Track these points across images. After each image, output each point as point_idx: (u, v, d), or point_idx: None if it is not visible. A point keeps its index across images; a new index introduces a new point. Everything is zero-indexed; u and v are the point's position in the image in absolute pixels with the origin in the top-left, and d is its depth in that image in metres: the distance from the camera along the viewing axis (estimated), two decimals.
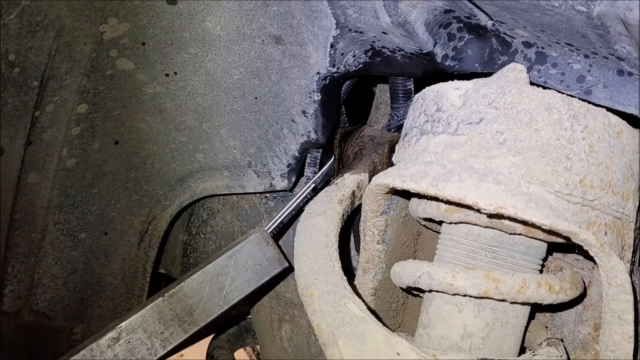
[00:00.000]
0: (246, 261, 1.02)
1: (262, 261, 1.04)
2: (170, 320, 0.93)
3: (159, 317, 0.93)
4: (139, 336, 0.91)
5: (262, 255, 1.04)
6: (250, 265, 1.02)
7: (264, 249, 1.05)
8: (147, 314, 0.93)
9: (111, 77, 1.17)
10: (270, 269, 1.04)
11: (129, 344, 0.90)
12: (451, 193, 0.71)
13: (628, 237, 0.79)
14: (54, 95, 1.13)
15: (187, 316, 0.95)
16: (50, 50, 1.08)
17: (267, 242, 1.06)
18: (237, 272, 1.01)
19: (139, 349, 0.90)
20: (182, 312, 0.95)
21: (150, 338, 0.91)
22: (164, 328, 0.93)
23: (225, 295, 0.99)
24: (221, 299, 0.98)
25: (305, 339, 1.30)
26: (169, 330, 0.93)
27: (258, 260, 1.04)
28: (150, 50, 1.15)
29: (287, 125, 1.17)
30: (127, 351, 0.90)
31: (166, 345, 0.92)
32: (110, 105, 1.19)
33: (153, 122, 1.23)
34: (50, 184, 1.19)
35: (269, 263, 1.04)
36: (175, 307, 0.95)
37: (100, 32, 1.11)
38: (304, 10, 1.03)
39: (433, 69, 1.00)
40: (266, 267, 1.04)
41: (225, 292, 0.99)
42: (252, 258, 1.03)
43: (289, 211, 1.14)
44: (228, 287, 0.99)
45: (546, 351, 0.81)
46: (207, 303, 0.97)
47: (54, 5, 1.05)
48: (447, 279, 0.77)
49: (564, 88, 0.86)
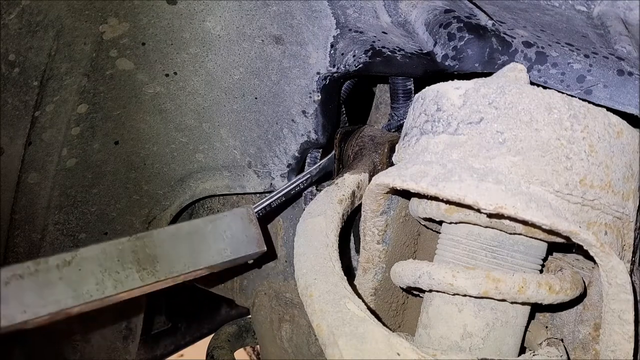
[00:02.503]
0: (225, 231, 0.96)
1: (241, 236, 0.98)
2: (129, 262, 0.86)
3: (119, 255, 0.86)
4: (92, 268, 0.83)
5: (243, 231, 0.98)
6: (227, 236, 0.96)
7: (246, 225, 0.99)
8: (108, 249, 0.86)
9: (111, 77, 1.16)
10: (247, 247, 0.98)
11: (79, 272, 0.82)
12: (451, 193, 0.71)
13: (628, 237, 0.79)
14: (54, 95, 1.13)
15: (148, 264, 0.88)
16: (50, 50, 1.08)
17: (250, 220, 1.00)
18: (212, 239, 0.94)
19: (88, 280, 0.82)
20: (144, 259, 0.88)
21: (104, 273, 0.83)
22: (120, 268, 0.85)
23: (194, 257, 0.92)
24: (189, 260, 0.91)
25: (305, 339, 1.30)
26: (125, 273, 0.85)
27: (237, 234, 0.97)
28: (150, 50, 1.15)
29: (287, 125, 1.17)
30: (75, 278, 0.81)
31: (117, 286, 0.84)
32: (110, 105, 1.19)
33: (153, 122, 1.23)
34: (50, 184, 1.19)
35: (247, 241, 0.98)
36: (139, 251, 0.87)
37: (100, 32, 1.11)
38: (304, 10, 1.03)
39: (433, 69, 1.00)
40: (243, 244, 0.98)
41: (195, 253, 0.92)
42: (232, 230, 0.97)
43: (279, 196, 1.11)
44: (199, 250, 0.92)
45: (546, 351, 0.81)
46: (173, 258, 0.90)
47: (54, 5, 1.05)
48: (447, 279, 0.77)
49: (564, 88, 0.86)
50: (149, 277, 0.87)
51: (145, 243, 0.89)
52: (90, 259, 0.83)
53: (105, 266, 0.84)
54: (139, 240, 0.88)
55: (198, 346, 2.01)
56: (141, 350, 1.80)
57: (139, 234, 0.89)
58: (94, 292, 0.82)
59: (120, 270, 0.85)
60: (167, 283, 0.91)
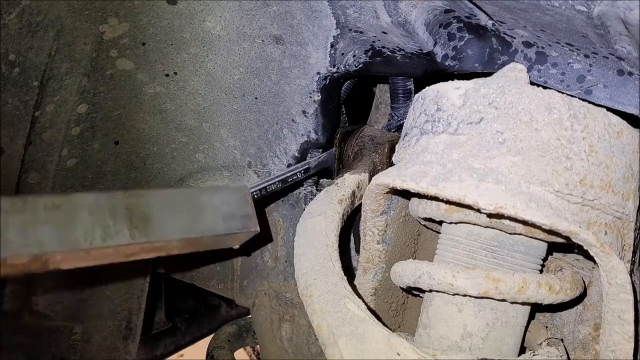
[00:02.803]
0: (220, 205, 0.92)
1: (235, 213, 0.94)
2: (121, 218, 0.81)
3: (112, 208, 0.80)
4: (82, 215, 0.77)
5: (238, 208, 0.94)
6: (222, 211, 0.92)
7: (242, 204, 0.95)
8: (101, 200, 0.80)
9: (111, 77, 1.16)
10: (239, 225, 0.94)
11: (68, 218, 0.76)
12: (451, 193, 0.71)
13: (628, 237, 0.79)
14: (54, 95, 1.13)
15: (140, 223, 0.82)
16: (50, 50, 1.08)
17: (247, 199, 0.96)
18: (209, 209, 0.90)
19: (76, 227, 0.77)
20: (137, 217, 0.82)
21: (94, 223, 0.78)
22: (111, 222, 0.80)
23: (187, 225, 0.87)
24: (182, 227, 0.87)
25: (305, 339, 1.30)
26: (116, 227, 0.80)
27: (232, 210, 0.94)
28: (151, 50, 1.15)
29: (287, 125, 1.17)
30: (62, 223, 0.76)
31: (106, 239, 0.78)
32: (110, 105, 1.19)
33: (153, 122, 1.23)
34: (50, 184, 1.19)
35: (241, 220, 0.94)
36: (133, 208, 0.82)
37: (100, 32, 1.11)
38: (304, 10, 1.03)
39: (433, 69, 1.00)
40: (236, 221, 0.94)
41: (189, 222, 0.88)
42: (227, 206, 0.93)
43: (275, 181, 1.09)
44: (193, 218, 0.88)
45: (546, 351, 0.81)
46: (165, 221, 0.85)
47: (54, 5, 1.05)
48: (447, 279, 0.77)
49: (564, 88, 0.86)
50: (139, 236, 0.82)
51: (140, 201, 0.84)
52: (81, 207, 0.78)
53: (96, 216, 0.79)
54: (135, 198, 0.84)
55: (198, 346, 2.01)
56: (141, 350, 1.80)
57: (135, 191, 0.85)
58: (81, 241, 0.77)
59: (111, 223, 0.80)
60: (155, 249, 0.87)
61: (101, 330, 1.45)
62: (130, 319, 1.49)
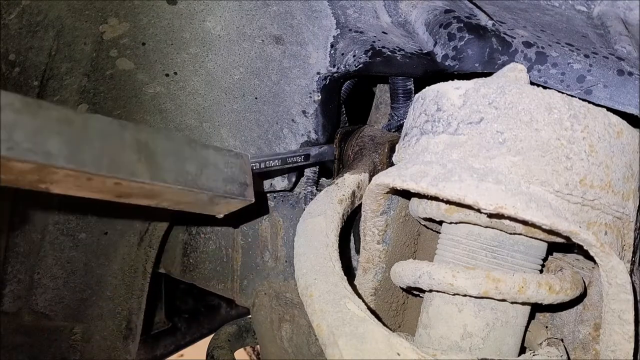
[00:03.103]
0: (222, 167, 0.90)
1: (235, 179, 0.92)
2: (130, 148, 0.77)
3: (121, 137, 0.76)
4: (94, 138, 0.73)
5: (238, 175, 0.92)
6: (222, 173, 0.90)
7: (243, 172, 0.93)
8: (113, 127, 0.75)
9: (111, 77, 1.17)
10: (237, 191, 0.92)
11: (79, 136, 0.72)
12: (451, 193, 0.71)
13: (628, 237, 0.79)
14: (54, 95, 1.13)
15: (147, 161, 0.78)
16: (51, 50, 1.08)
17: (247, 169, 0.95)
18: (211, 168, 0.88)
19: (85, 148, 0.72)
20: (145, 152, 0.78)
21: (103, 149, 0.73)
22: (121, 150, 0.75)
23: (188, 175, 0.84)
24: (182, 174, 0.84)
25: (305, 339, 1.30)
26: (124, 158, 0.76)
27: (231, 175, 0.91)
28: (151, 50, 1.15)
29: (287, 125, 1.17)
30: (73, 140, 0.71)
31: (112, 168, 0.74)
32: (110, 105, 1.19)
33: (153, 122, 1.23)
34: None
35: (239, 186, 0.92)
36: (142, 142, 0.78)
37: (100, 32, 1.11)
38: (304, 10, 1.03)
39: (433, 69, 1.00)
40: (235, 187, 0.91)
41: (190, 172, 0.85)
42: (231, 169, 0.91)
43: (275, 159, 1.09)
44: (195, 171, 0.85)
45: (546, 351, 0.81)
46: (170, 167, 0.82)
47: (54, 5, 1.05)
48: (447, 279, 0.77)
49: (564, 88, 0.86)
50: (141, 173, 0.78)
51: (151, 138, 0.80)
52: (94, 129, 0.73)
53: (106, 141, 0.74)
54: (146, 133, 0.79)
55: (198, 346, 2.01)
56: (141, 350, 1.80)
57: (148, 127, 0.82)
58: (88, 163, 0.72)
59: (120, 154, 0.76)
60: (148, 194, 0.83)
61: (101, 330, 1.45)
62: (130, 319, 1.49)
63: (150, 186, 0.80)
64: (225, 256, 1.46)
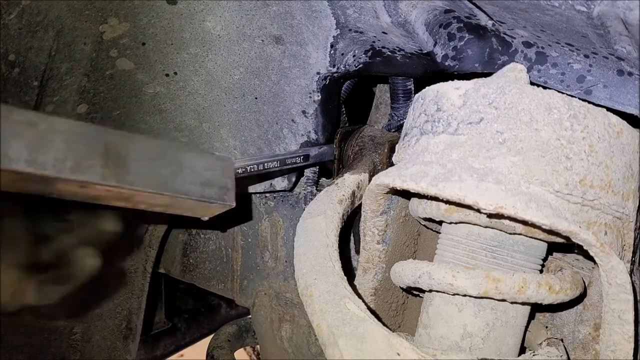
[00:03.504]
0: (202, 169, 0.87)
1: (214, 182, 0.89)
2: (97, 152, 0.75)
3: (89, 141, 0.74)
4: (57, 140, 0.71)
5: (219, 178, 0.89)
6: (201, 175, 0.87)
7: (224, 174, 0.90)
8: (80, 129, 0.74)
9: (111, 77, 1.17)
10: (216, 195, 0.89)
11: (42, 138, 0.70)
12: (451, 193, 0.71)
13: (628, 237, 0.79)
14: (54, 95, 1.13)
15: (114, 165, 0.76)
16: (50, 50, 1.08)
17: (230, 171, 0.91)
18: (187, 170, 0.85)
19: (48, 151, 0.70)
20: (113, 156, 0.76)
21: (66, 152, 0.71)
22: (86, 155, 0.73)
23: (162, 180, 0.82)
24: (156, 178, 0.81)
25: (305, 339, 1.30)
26: (88, 162, 0.73)
27: (212, 178, 0.88)
28: (150, 50, 1.15)
29: (287, 126, 1.17)
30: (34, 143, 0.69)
31: (75, 171, 0.72)
32: (110, 105, 1.19)
33: (153, 122, 1.23)
34: None
35: (218, 190, 0.89)
36: (111, 146, 0.76)
37: (100, 32, 1.11)
38: (304, 10, 1.03)
39: (433, 69, 1.00)
40: (214, 190, 0.88)
41: (164, 175, 0.82)
42: (208, 172, 0.88)
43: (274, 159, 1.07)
44: (170, 174, 0.83)
45: (546, 351, 0.81)
46: (141, 170, 0.79)
47: (54, 5, 1.05)
48: (447, 279, 0.77)
49: (564, 88, 0.86)
50: (109, 178, 0.75)
51: (121, 142, 0.78)
52: (58, 132, 0.72)
53: (70, 147, 0.72)
54: (115, 136, 0.77)
55: (198, 346, 2.01)
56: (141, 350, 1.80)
57: (119, 131, 0.79)
58: (49, 166, 0.70)
59: (84, 156, 0.73)
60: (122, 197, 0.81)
61: (101, 330, 1.45)
62: (130, 319, 1.49)
63: (118, 189, 0.78)
64: (225, 256, 1.46)
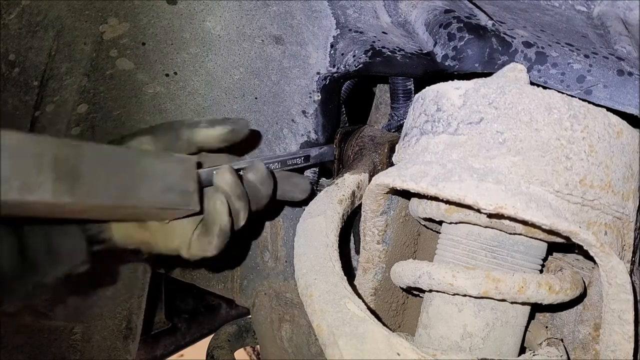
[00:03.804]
0: (162, 174, 0.81)
1: (175, 187, 0.82)
2: (46, 167, 0.67)
3: (37, 156, 0.66)
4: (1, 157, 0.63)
5: (179, 182, 0.83)
6: (160, 181, 0.80)
7: (185, 177, 0.84)
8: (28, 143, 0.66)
9: (111, 77, 1.17)
10: (177, 201, 0.83)
11: None
12: (451, 193, 0.71)
13: (628, 237, 0.79)
14: (54, 95, 1.13)
15: (68, 179, 0.69)
16: (50, 50, 1.08)
17: (191, 173, 0.85)
18: (147, 178, 0.79)
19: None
20: (65, 170, 0.69)
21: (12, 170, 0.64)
22: (35, 171, 0.66)
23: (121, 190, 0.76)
24: (113, 189, 0.74)
25: (305, 339, 1.30)
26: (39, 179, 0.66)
27: (172, 182, 0.82)
28: (151, 50, 1.15)
29: (287, 126, 1.17)
30: None
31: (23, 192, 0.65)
32: (111, 105, 1.19)
33: (153, 122, 1.23)
34: None
35: (180, 195, 0.83)
36: (62, 158, 0.69)
37: (100, 32, 1.11)
38: (304, 10, 1.03)
39: (433, 69, 1.00)
40: (175, 196, 0.82)
41: (123, 185, 0.76)
42: (171, 176, 0.82)
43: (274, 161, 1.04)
44: (128, 183, 0.77)
45: (546, 351, 0.81)
46: (97, 182, 0.72)
47: (54, 5, 1.05)
48: (447, 279, 0.77)
49: (564, 88, 0.86)
50: (61, 196, 0.68)
51: (72, 153, 0.70)
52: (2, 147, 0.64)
53: (16, 162, 0.65)
54: (67, 148, 0.70)
55: (198, 346, 2.01)
56: (141, 350, 1.80)
57: (69, 140, 0.71)
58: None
59: (33, 173, 0.66)
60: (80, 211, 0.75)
61: (101, 330, 1.45)
62: (130, 319, 1.49)
63: (76, 206, 0.72)
64: None
